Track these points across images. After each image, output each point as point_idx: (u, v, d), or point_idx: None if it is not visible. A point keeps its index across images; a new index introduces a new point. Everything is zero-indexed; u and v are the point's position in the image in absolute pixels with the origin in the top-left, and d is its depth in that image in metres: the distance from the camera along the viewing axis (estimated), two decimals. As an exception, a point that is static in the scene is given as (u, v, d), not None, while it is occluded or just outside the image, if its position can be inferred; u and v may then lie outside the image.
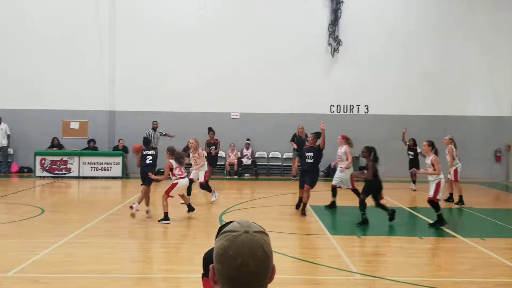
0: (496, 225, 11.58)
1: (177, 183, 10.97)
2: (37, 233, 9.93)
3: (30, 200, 14.19)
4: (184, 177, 11.09)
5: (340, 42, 20.46)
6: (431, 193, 10.71)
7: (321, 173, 15.52)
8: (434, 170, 10.56)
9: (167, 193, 10.90)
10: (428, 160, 10.84)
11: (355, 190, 12.58)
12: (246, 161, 20.42)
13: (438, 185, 10.57)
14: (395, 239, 10.02)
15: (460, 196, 13.66)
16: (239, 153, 20.40)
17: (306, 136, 19.00)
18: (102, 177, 18.70)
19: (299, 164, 15.71)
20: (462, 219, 12.54)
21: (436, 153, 10.84)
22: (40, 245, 8.71)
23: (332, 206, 12.83)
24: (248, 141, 20.46)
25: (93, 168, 18.79)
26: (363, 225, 10.67)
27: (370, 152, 11.01)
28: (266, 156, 20.84)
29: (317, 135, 12.04)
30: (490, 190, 17.94)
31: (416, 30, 20.51)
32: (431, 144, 10.95)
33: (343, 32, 20.44)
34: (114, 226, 10.70)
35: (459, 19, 20.49)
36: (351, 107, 20.83)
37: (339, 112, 20.80)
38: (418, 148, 16.10)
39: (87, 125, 20.74)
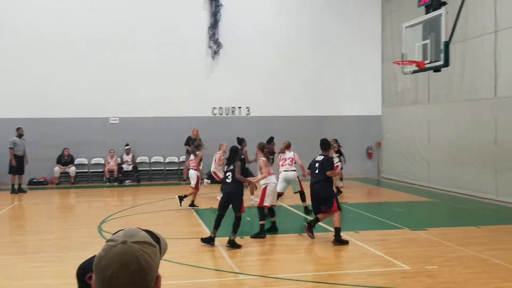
0: (369, 218, 12.34)
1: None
2: None
3: None
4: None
5: (220, 45, 20.67)
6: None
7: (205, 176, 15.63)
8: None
9: None
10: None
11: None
12: (127, 167, 19.94)
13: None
14: (277, 237, 10.31)
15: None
16: (119, 159, 19.87)
17: (200, 139, 18.94)
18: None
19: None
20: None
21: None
22: None
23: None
24: (128, 146, 19.94)
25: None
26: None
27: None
28: (148, 161, 20.51)
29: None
30: (363, 185, 19.07)
31: (292, 35, 21.21)
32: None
33: (223, 35, 20.67)
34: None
35: (329, 26, 21.50)
36: (233, 109, 21.13)
37: (221, 114, 21.00)
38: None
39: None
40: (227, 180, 9.60)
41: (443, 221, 11.88)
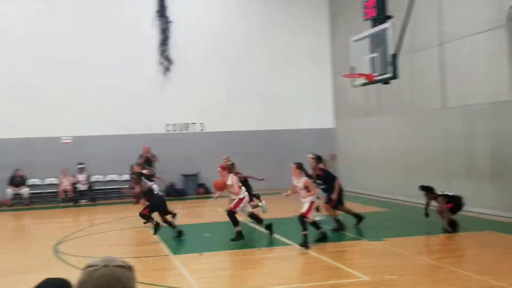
0: (326, 230, 12.46)
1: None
2: None
3: None
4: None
5: (171, 61, 20.63)
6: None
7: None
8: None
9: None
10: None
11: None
12: (82, 187, 19.56)
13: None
14: (236, 252, 10.31)
15: None
16: (72, 178, 19.46)
17: (153, 156, 18.78)
18: None
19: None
20: (297, 228, 13.24)
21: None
22: None
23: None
24: (81, 165, 19.56)
25: None
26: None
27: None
28: (102, 180, 20.18)
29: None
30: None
31: (243, 50, 21.37)
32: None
33: (174, 52, 20.64)
34: None
35: (278, 41, 21.78)
36: (186, 125, 21.07)
37: (175, 131, 20.92)
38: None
39: None
40: None
41: (400, 231, 12.13)
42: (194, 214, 13.18)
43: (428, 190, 11.96)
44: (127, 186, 17.26)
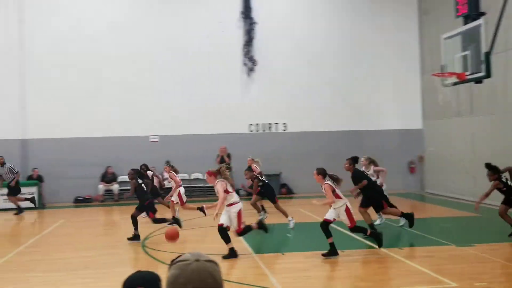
0: (413, 234, 12.06)
1: None
2: None
3: None
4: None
5: (255, 62, 20.80)
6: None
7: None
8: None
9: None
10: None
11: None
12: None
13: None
14: (317, 253, 10.19)
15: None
16: (159, 176, 20.08)
17: (228, 156, 19.17)
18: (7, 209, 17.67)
19: None
20: (380, 230, 12.92)
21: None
22: None
23: None
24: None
25: (6, 200, 17.71)
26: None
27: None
28: (188, 178, 20.68)
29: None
30: (406, 201, 18.68)
31: (328, 50, 21.16)
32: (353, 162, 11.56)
33: (258, 52, 20.81)
34: (30, 259, 10.24)
35: (366, 40, 21.34)
36: (269, 125, 21.17)
37: (258, 131, 21.08)
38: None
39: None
40: None
41: (491, 237, 11.52)
42: (276, 214, 13.17)
43: (493, 170, 10.82)
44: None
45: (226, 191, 9.66)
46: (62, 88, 19.82)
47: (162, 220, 12.30)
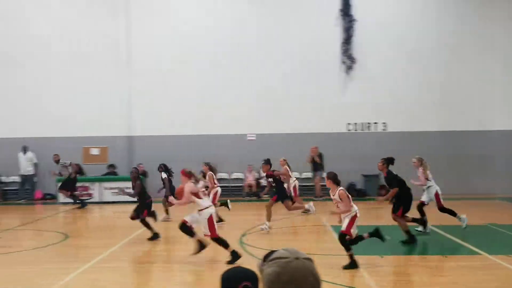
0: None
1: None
2: (61, 259, 10.03)
3: (53, 226, 14.33)
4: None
5: (354, 60, 20.51)
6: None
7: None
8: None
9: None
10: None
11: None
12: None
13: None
14: (418, 258, 9.91)
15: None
16: (256, 174, 20.42)
17: (320, 156, 19.07)
18: (122, 202, 18.76)
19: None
20: (486, 236, 12.32)
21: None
22: (64, 271, 8.78)
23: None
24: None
25: (114, 193, 18.88)
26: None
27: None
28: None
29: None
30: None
31: (429, 46, 20.44)
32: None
33: (357, 50, 20.50)
34: (136, 250, 10.77)
35: (472, 30, 20.36)
36: (368, 124, 20.81)
37: (356, 130, 20.78)
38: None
39: (107, 151, 20.96)
40: None
41: None
42: (374, 215, 12.95)
43: None
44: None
45: (197, 195, 9.36)
46: (166, 89, 20.64)
47: (148, 226, 11.94)
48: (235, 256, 9.17)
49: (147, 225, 11.85)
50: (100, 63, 20.63)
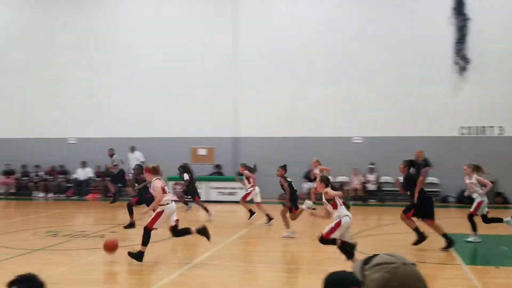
0: None
1: None
2: (168, 255, 10.39)
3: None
4: None
5: (468, 60, 19.51)
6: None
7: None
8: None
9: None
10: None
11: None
12: (371, 186, 20.00)
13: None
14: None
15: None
16: (363, 178, 20.04)
17: (425, 160, 18.16)
18: (228, 202, 19.20)
19: None
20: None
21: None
22: (172, 266, 9.09)
23: None
24: (371, 166, 20.02)
25: (220, 193, 19.40)
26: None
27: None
28: (391, 181, 20.21)
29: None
30: None
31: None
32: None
33: (471, 50, 19.48)
34: (242, 249, 10.94)
35: None
36: (483, 128, 19.68)
37: (470, 134, 19.72)
38: None
39: (214, 151, 21.53)
40: None
41: None
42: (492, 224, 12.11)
43: None
44: None
45: (163, 190, 9.36)
46: (272, 94, 20.86)
47: (130, 212, 12.79)
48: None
49: (130, 212, 12.79)
50: (211, 75, 21.30)
